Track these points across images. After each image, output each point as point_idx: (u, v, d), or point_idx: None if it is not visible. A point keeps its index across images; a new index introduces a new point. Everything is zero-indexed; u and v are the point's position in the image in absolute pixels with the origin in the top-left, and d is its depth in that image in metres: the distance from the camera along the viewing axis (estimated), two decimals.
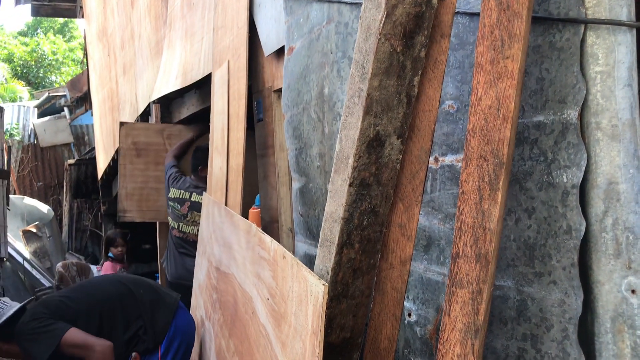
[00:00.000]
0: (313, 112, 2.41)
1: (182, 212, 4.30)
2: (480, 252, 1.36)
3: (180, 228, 4.27)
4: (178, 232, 4.28)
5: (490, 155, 1.36)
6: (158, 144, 5.04)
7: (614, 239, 1.32)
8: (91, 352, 2.34)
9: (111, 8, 6.79)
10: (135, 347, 2.64)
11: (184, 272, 4.19)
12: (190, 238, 4.21)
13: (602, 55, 1.35)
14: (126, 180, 4.97)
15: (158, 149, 5.00)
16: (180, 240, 4.28)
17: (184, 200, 4.31)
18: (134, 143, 5.00)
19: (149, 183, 4.96)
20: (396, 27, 1.41)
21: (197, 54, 4.55)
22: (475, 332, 1.36)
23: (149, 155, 4.97)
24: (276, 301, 1.84)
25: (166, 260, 4.44)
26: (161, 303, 2.82)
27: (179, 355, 2.79)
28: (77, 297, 2.62)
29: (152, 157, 4.99)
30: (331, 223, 1.55)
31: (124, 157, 4.95)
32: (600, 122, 1.35)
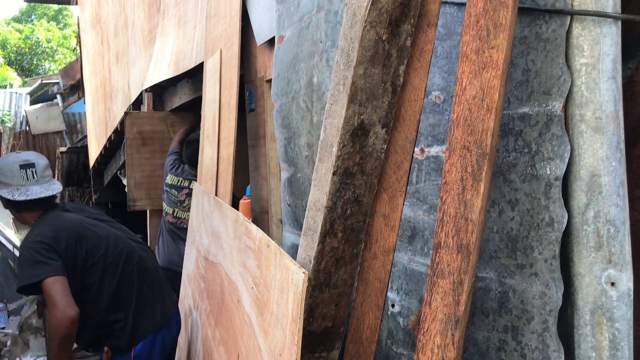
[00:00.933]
0: (302, 102, 2.40)
1: (179, 199, 4.30)
2: (462, 242, 1.35)
3: (175, 214, 4.27)
4: (172, 218, 4.27)
5: (473, 145, 1.35)
6: (163, 131, 5.08)
7: (595, 232, 1.32)
8: (53, 309, 2.23)
9: None
10: (107, 338, 2.54)
11: (175, 258, 4.18)
12: (184, 224, 4.21)
13: (588, 47, 1.34)
14: (134, 170, 5.01)
15: (163, 137, 5.03)
16: (173, 226, 4.28)
17: (182, 187, 4.30)
18: (140, 132, 5.02)
19: (156, 171, 4.99)
20: (382, 14, 1.40)
21: (190, 43, 4.52)
22: (456, 323, 1.35)
23: (154, 143, 5.01)
24: (260, 290, 1.84)
25: (157, 245, 4.43)
26: (155, 308, 2.65)
27: None
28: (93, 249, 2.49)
29: (158, 145, 5.03)
30: (314, 212, 1.54)
31: (131, 146, 4.97)
32: (584, 114, 1.34)
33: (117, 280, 2.52)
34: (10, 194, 2.48)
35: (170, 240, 4.26)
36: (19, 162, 2.53)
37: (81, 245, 2.45)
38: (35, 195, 2.49)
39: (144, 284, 2.64)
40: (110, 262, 2.52)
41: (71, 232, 2.45)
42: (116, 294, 2.52)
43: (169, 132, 5.05)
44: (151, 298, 2.65)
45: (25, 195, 2.48)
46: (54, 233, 2.40)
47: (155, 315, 2.63)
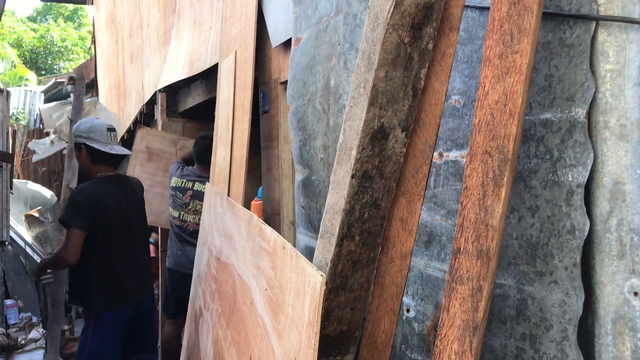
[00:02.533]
0: (318, 104, 2.40)
1: (183, 201, 4.29)
2: (482, 248, 1.34)
3: (180, 217, 4.27)
4: (179, 221, 4.28)
5: (495, 151, 1.34)
6: (170, 152, 5.09)
7: (618, 240, 1.30)
8: (64, 250, 3.02)
9: None
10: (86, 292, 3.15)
11: (183, 260, 4.19)
12: (190, 227, 4.21)
13: (613, 53, 1.33)
14: None
15: (170, 157, 5.03)
16: (179, 230, 4.28)
17: (186, 189, 4.30)
18: (148, 147, 5.03)
19: (154, 187, 4.98)
20: (404, 17, 1.39)
21: (205, 44, 4.53)
22: (474, 330, 1.34)
23: (160, 161, 5.00)
24: (274, 292, 1.83)
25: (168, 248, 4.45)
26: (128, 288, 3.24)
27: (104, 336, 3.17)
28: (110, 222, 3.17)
29: (163, 164, 5.03)
30: (332, 215, 1.53)
31: (135, 158, 4.97)
32: (608, 121, 1.33)
33: (110, 251, 3.16)
34: (102, 147, 3.20)
35: (178, 243, 4.27)
36: (107, 126, 3.27)
37: (104, 216, 3.13)
38: (118, 151, 3.27)
39: (127, 266, 3.25)
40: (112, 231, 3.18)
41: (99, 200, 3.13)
42: (106, 259, 3.14)
43: (176, 155, 5.05)
44: (125, 278, 3.23)
45: (112, 150, 3.22)
46: (97, 197, 3.13)
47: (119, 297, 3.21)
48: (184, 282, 4.09)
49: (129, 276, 3.27)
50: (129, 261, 3.27)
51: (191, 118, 5.36)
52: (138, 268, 3.34)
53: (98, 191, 3.16)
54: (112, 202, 3.21)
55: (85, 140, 3.22)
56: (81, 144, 3.24)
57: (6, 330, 5.02)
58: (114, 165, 3.34)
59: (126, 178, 3.49)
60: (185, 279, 4.07)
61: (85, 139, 3.22)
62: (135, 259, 3.33)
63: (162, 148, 5.00)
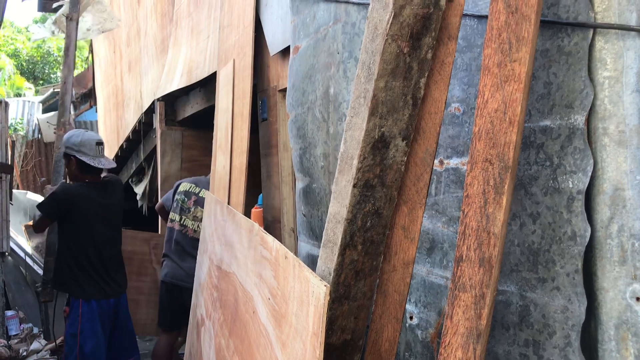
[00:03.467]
0: (318, 112, 2.41)
1: (187, 206, 4.28)
2: (484, 256, 1.35)
3: (182, 221, 4.24)
4: (179, 225, 4.23)
5: (495, 158, 1.35)
6: (143, 253, 4.92)
7: (619, 246, 1.31)
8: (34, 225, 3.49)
9: (118, 5, 6.79)
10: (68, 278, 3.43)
11: (179, 273, 4.11)
12: (189, 233, 4.18)
13: (611, 60, 1.34)
14: None
15: (143, 258, 4.86)
16: (179, 235, 4.24)
17: (191, 193, 4.29)
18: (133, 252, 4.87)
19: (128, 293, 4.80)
20: (403, 28, 1.40)
21: (203, 52, 4.55)
22: (478, 337, 1.35)
23: (132, 264, 4.72)
24: (277, 301, 1.83)
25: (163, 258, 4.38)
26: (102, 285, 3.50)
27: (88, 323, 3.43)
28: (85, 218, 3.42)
29: (136, 267, 4.83)
30: (334, 224, 1.54)
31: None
32: (607, 127, 1.34)
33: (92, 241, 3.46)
34: (91, 161, 3.45)
35: (176, 256, 4.19)
36: (96, 140, 3.51)
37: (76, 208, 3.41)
38: (106, 165, 3.53)
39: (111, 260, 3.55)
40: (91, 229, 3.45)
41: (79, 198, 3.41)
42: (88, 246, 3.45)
43: (151, 254, 4.89)
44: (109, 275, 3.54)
45: (98, 163, 3.47)
46: (78, 196, 3.40)
47: (105, 290, 3.49)
48: (181, 295, 4.06)
49: (115, 270, 3.62)
50: (111, 256, 3.59)
51: (190, 126, 5.37)
52: (120, 263, 3.67)
53: (80, 193, 3.47)
54: (94, 205, 3.50)
55: (75, 154, 3.47)
56: (71, 156, 3.50)
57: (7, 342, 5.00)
58: (100, 174, 3.62)
59: (110, 182, 3.74)
60: (182, 292, 4.05)
61: (75, 152, 3.47)
62: (115, 255, 3.64)
63: (134, 249, 4.73)
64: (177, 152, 5.31)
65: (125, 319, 3.69)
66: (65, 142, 3.55)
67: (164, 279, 4.21)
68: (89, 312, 3.43)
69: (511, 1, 1.34)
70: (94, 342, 3.43)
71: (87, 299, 3.43)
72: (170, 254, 4.23)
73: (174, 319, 4.22)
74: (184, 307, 4.04)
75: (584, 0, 1.37)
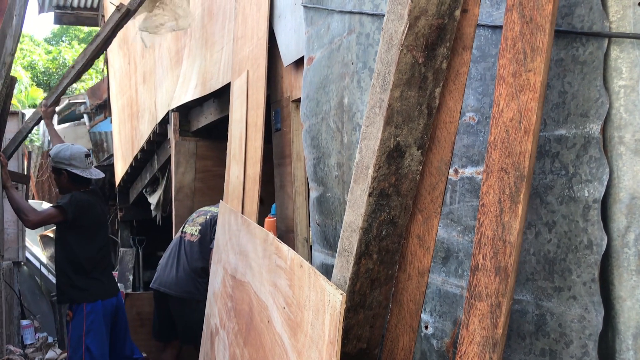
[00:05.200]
0: (332, 122, 2.42)
1: (194, 217, 4.33)
2: (500, 265, 1.35)
3: (184, 228, 4.31)
4: (181, 233, 4.30)
5: (511, 167, 1.35)
6: None
7: (637, 255, 1.30)
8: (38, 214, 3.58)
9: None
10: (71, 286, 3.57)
11: (167, 280, 4.09)
12: (186, 237, 4.21)
13: (626, 69, 1.34)
14: None
15: None
16: (177, 240, 4.27)
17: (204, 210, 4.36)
18: (138, 313, 4.92)
19: (151, 352, 4.72)
20: (418, 38, 1.42)
21: (217, 63, 4.59)
22: (494, 346, 1.35)
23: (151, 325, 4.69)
24: (292, 310, 1.84)
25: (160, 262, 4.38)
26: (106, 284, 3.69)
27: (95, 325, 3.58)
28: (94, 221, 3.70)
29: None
30: (350, 233, 1.55)
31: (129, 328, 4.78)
32: (623, 136, 1.34)
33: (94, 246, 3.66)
34: (82, 173, 3.67)
35: (171, 259, 4.20)
36: (84, 153, 3.73)
37: (89, 214, 3.64)
38: (96, 176, 3.78)
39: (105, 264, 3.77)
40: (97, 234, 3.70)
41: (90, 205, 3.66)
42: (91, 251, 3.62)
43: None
44: (107, 276, 3.74)
45: (90, 174, 3.70)
46: (89, 203, 3.64)
47: (106, 288, 3.67)
48: (166, 303, 4.09)
49: (110, 271, 3.86)
50: (109, 257, 3.87)
51: (204, 137, 5.41)
52: (112, 264, 3.96)
53: (91, 200, 3.70)
54: (98, 211, 3.77)
55: (67, 167, 3.66)
56: (62, 170, 3.68)
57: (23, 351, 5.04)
58: (89, 185, 3.82)
59: (96, 191, 3.96)
60: (167, 299, 4.07)
61: (66, 166, 3.67)
62: (110, 255, 3.96)
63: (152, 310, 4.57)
64: (191, 163, 5.34)
65: (125, 319, 3.88)
66: (54, 157, 3.71)
67: (152, 286, 4.23)
68: (94, 313, 3.57)
69: (526, 11, 1.35)
70: (100, 343, 3.55)
71: (92, 300, 3.56)
72: (164, 260, 4.27)
73: (162, 328, 4.26)
74: (171, 315, 4.08)
75: (598, 10, 1.38)
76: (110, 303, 3.70)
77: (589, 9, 1.40)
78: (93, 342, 3.52)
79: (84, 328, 3.52)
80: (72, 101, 13.06)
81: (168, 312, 4.12)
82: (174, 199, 5.36)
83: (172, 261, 4.17)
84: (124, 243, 7.73)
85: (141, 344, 4.62)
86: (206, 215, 4.27)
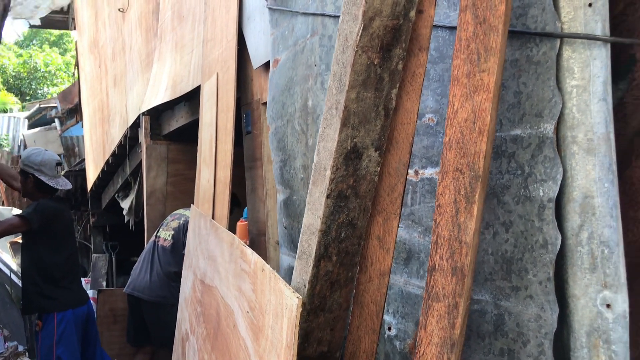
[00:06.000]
0: (297, 125, 2.41)
1: (167, 221, 4.31)
2: (457, 265, 1.35)
3: (157, 233, 4.28)
4: (155, 237, 4.27)
5: (466, 168, 1.35)
6: None
7: (590, 253, 1.31)
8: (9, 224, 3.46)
9: (103, 20, 6.80)
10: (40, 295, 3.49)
11: (140, 284, 4.08)
12: (159, 242, 4.19)
13: (578, 69, 1.36)
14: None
15: None
16: (151, 244, 4.24)
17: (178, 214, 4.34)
18: (112, 310, 4.87)
19: (124, 349, 4.68)
20: (373, 39, 1.41)
21: (187, 66, 4.55)
22: (452, 347, 1.34)
23: (125, 321, 4.65)
24: (255, 314, 1.82)
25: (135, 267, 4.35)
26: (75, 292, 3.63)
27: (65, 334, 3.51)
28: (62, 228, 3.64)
29: None
30: (308, 235, 1.54)
31: (100, 324, 4.71)
32: (576, 135, 1.35)
33: (63, 253, 3.59)
34: (49, 181, 3.56)
35: (145, 264, 4.18)
36: (56, 161, 3.63)
37: (56, 222, 3.56)
38: (63, 186, 3.67)
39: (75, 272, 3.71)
40: (65, 242, 3.64)
41: (57, 213, 3.58)
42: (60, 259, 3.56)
43: None
44: (76, 284, 3.69)
45: (56, 184, 3.59)
46: (56, 210, 3.56)
47: (77, 297, 3.61)
48: (139, 307, 4.06)
49: (79, 279, 3.81)
50: (78, 265, 3.84)
51: (175, 140, 5.35)
52: (81, 272, 3.92)
53: (59, 207, 3.65)
54: (67, 219, 3.75)
55: (35, 172, 3.57)
56: (29, 174, 3.59)
57: None
58: (54, 193, 3.75)
59: (61, 198, 4.06)
60: (140, 304, 4.04)
61: (35, 171, 3.57)
62: (78, 264, 3.90)
63: (126, 306, 4.54)
64: (162, 167, 5.28)
65: (95, 327, 3.83)
66: (24, 160, 3.63)
67: (125, 290, 4.22)
68: (65, 322, 3.50)
69: (479, 12, 1.36)
70: (71, 352, 3.50)
71: (62, 309, 3.49)
72: (138, 264, 4.25)
73: (137, 333, 4.23)
74: (145, 320, 4.06)
75: (551, 11, 1.39)
76: (81, 311, 3.64)
77: (542, 9, 1.41)
78: (65, 353, 3.46)
79: (55, 338, 3.46)
80: (43, 105, 12.85)
81: (142, 317, 4.08)
82: (145, 204, 5.30)
83: (146, 266, 4.14)
84: (97, 249, 7.62)
85: (114, 341, 4.61)
86: (179, 219, 4.24)
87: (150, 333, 4.13)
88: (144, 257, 4.23)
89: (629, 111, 1.40)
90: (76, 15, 8.10)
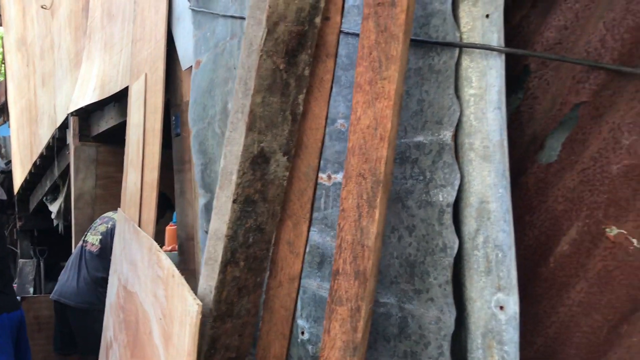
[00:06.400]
0: (217, 127, 2.39)
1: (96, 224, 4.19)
2: (359, 269, 1.36)
3: (85, 237, 4.16)
4: (82, 242, 4.15)
5: (368, 173, 1.37)
6: None
7: (485, 257, 1.36)
8: None
9: (31, 17, 6.54)
10: None
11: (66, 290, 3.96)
12: (87, 247, 4.07)
13: (476, 78, 1.40)
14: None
15: None
16: (79, 249, 4.13)
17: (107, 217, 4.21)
18: (36, 317, 4.67)
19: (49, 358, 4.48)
20: (278, 44, 1.41)
21: (116, 66, 4.43)
22: (354, 350, 1.36)
23: (50, 329, 4.48)
24: (167, 321, 1.79)
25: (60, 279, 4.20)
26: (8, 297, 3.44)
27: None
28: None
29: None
30: (215, 241, 1.52)
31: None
32: (473, 142, 1.39)
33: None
34: None
35: (72, 269, 4.06)
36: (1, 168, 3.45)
37: None
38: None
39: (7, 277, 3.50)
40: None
41: None
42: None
43: None
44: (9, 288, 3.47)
45: None
46: None
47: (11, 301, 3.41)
48: (65, 314, 3.95)
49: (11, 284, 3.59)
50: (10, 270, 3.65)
51: (105, 142, 5.20)
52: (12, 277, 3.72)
53: None
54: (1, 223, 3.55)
55: None
56: None
57: None
58: None
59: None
60: (66, 310, 3.93)
61: None
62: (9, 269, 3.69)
63: (51, 313, 4.36)
64: (91, 169, 5.12)
65: (26, 335, 3.63)
66: None
67: (51, 297, 4.08)
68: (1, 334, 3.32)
69: (380, 20, 1.38)
70: (7, 358, 3.32)
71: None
72: (65, 270, 4.12)
73: (64, 341, 4.12)
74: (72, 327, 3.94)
75: (450, 21, 1.43)
76: (16, 316, 3.44)
77: (443, 19, 1.45)
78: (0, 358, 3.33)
79: None
80: None
81: (69, 324, 3.94)
82: (73, 207, 5.12)
83: (73, 271, 4.01)
84: (24, 254, 7.30)
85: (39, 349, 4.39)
86: (107, 223, 4.12)
87: (77, 341, 4.01)
88: (72, 262, 4.10)
89: (525, 119, 1.46)
90: (2, 11, 7.76)
